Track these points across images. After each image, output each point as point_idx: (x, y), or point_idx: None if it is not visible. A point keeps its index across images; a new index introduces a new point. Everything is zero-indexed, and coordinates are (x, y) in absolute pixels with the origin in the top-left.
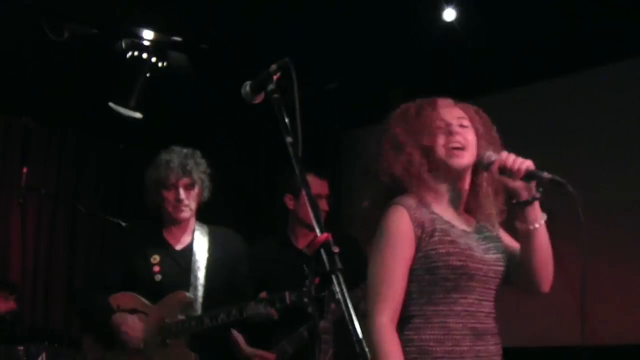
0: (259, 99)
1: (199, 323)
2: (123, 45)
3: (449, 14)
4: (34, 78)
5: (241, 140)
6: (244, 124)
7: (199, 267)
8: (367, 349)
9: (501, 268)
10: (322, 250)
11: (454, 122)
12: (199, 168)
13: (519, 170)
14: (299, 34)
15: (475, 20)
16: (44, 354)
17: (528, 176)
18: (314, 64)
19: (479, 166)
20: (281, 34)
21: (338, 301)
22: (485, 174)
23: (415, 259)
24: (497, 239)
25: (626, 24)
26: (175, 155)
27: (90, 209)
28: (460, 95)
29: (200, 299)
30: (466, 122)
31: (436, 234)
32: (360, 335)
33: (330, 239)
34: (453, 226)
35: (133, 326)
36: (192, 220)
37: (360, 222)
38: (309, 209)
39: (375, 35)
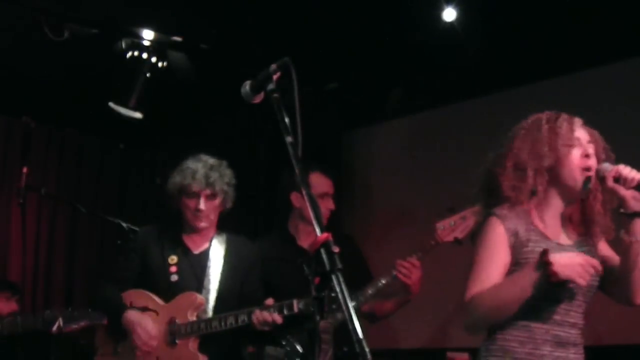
0: (258, 98)
1: (208, 325)
2: (123, 45)
3: (449, 14)
4: (34, 78)
5: (241, 140)
6: (244, 124)
7: (213, 272)
8: (367, 349)
9: (593, 282)
10: (322, 250)
11: (588, 145)
12: (224, 180)
13: (632, 179)
14: (299, 34)
15: (475, 20)
16: (60, 320)
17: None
18: (314, 64)
19: (598, 177)
20: (281, 34)
21: (338, 301)
22: (596, 191)
23: (509, 266)
24: (594, 253)
25: (626, 24)
26: (201, 165)
27: (90, 209)
28: (460, 95)
29: (212, 302)
30: (592, 149)
31: (530, 244)
32: (361, 335)
33: (331, 238)
34: (548, 238)
35: (148, 329)
36: (212, 229)
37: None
38: (309, 208)
39: (375, 35)
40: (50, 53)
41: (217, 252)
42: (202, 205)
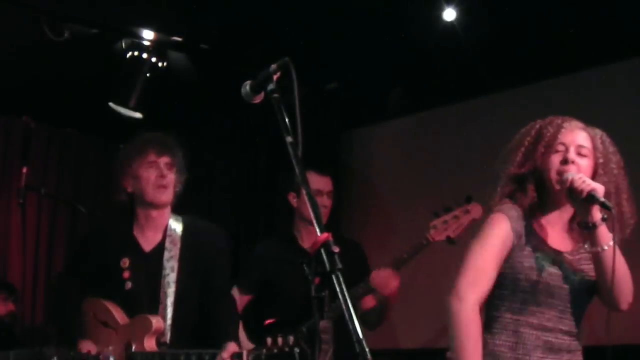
0: (258, 98)
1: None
2: (123, 45)
3: (449, 14)
4: (34, 78)
5: (241, 140)
6: (244, 124)
7: (169, 272)
8: (367, 349)
9: (581, 287)
10: (322, 250)
11: (573, 149)
12: (179, 150)
13: (581, 191)
14: (299, 34)
15: (475, 20)
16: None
17: (588, 199)
18: (314, 64)
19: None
20: (281, 34)
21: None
22: None
23: (504, 263)
24: (588, 262)
25: (626, 24)
26: (152, 135)
27: (90, 209)
28: (461, 95)
29: (170, 309)
30: (585, 151)
31: (527, 247)
32: (361, 335)
33: (331, 238)
34: (546, 243)
35: None
36: (167, 213)
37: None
38: (310, 208)
39: (375, 35)
40: (50, 53)
41: (172, 245)
42: (165, 171)
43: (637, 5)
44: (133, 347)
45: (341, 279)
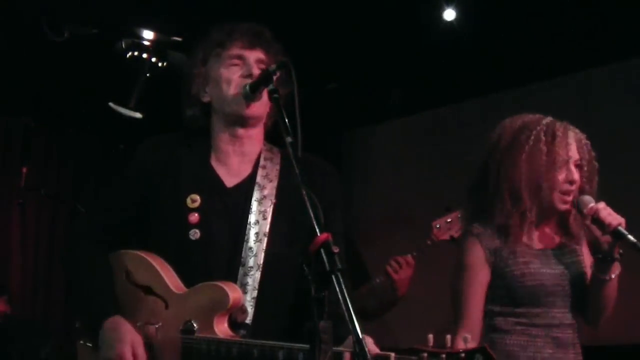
0: (258, 98)
1: (228, 352)
2: (123, 45)
3: (449, 14)
4: (34, 78)
5: None
6: None
7: (258, 220)
8: (366, 349)
9: (581, 282)
10: (322, 250)
11: (573, 162)
12: (276, 44)
13: (609, 225)
14: (299, 34)
15: (475, 20)
16: None
17: (616, 233)
18: (314, 64)
19: (576, 207)
20: (281, 34)
21: (338, 301)
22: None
23: (492, 282)
24: (579, 255)
25: (626, 24)
26: (238, 24)
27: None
28: (461, 95)
29: (254, 285)
30: (579, 162)
31: (511, 256)
32: (360, 335)
33: (331, 238)
34: (529, 247)
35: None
36: (259, 135)
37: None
38: (309, 208)
39: (375, 35)
40: (50, 53)
41: (267, 179)
42: (256, 70)
43: (637, 5)
44: (196, 329)
45: (341, 279)
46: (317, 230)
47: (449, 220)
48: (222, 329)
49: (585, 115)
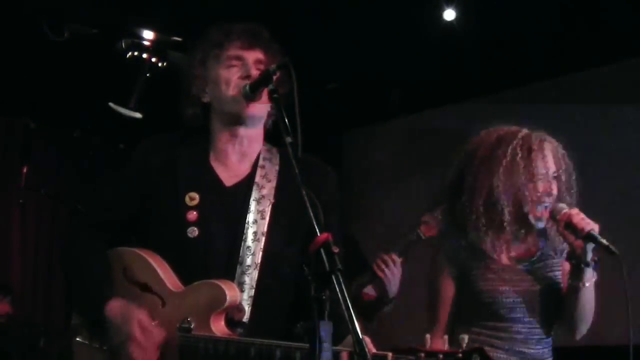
0: (258, 98)
1: (225, 350)
2: (123, 45)
3: (449, 14)
4: (34, 78)
5: None
6: None
7: (256, 219)
8: (366, 349)
9: (555, 294)
10: (322, 250)
11: (550, 174)
12: (274, 44)
13: (582, 229)
14: (298, 34)
15: (475, 20)
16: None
17: (588, 237)
18: (314, 64)
19: (551, 216)
20: (281, 34)
21: (337, 301)
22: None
23: (458, 294)
24: (557, 266)
25: (626, 25)
26: (236, 24)
27: None
28: (461, 95)
29: (251, 283)
30: (556, 173)
31: (478, 271)
32: (360, 335)
33: (331, 238)
34: (497, 262)
35: (145, 346)
36: (258, 135)
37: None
38: (309, 209)
39: (375, 35)
40: (51, 53)
41: (265, 179)
42: (254, 71)
43: (637, 5)
44: (192, 327)
45: (341, 279)
46: (317, 230)
47: (438, 215)
48: (219, 327)
49: (584, 115)
